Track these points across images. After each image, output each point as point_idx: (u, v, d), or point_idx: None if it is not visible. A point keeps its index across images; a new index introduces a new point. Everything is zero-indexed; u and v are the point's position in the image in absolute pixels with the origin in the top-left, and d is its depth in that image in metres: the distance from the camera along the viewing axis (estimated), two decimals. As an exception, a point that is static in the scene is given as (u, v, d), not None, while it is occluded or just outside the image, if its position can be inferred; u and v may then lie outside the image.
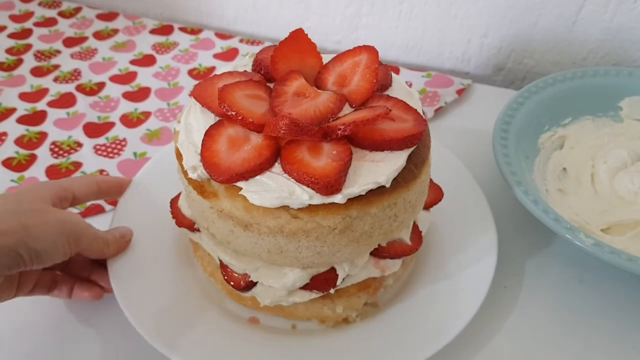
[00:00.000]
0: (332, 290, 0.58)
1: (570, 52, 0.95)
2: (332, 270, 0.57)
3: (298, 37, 0.57)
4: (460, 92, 0.96)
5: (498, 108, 0.77)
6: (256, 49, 1.09)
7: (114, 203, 0.76)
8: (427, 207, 0.65)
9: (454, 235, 0.69)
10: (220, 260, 0.60)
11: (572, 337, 0.63)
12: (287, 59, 0.56)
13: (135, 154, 0.86)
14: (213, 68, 1.05)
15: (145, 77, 1.03)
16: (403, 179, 0.51)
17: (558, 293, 0.67)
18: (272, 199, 0.48)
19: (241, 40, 1.12)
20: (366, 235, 0.52)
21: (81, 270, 0.64)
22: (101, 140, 0.89)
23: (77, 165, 0.84)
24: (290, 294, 0.58)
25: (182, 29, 1.15)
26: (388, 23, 1.04)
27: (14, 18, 1.19)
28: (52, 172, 0.83)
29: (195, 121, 0.55)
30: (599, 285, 0.68)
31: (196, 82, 1.01)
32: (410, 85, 0.95)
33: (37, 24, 1.17)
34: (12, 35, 1.14)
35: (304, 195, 0.48)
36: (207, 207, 0.53)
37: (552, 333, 0.63)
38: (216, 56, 1.08)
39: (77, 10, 1.22)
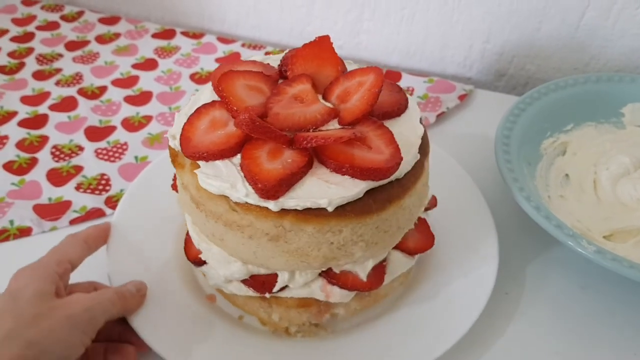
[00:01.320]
0: (267, 295, 0.58)
1: (572, 58, 0.95)
2: (274, 275, 0.57)
3: (322, 44, 0.57)
4: (462, 97, 0.95)
5: (500, 114, 0.77)
6: (258, 53, 1.09)
7: (113, 207, 0.76)
8: (411, 252, 0.62)
9: (455, 241, 0.68)
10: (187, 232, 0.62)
11: (574, 343, 0.63)
12: (305, 62, 0.57)
13: (136, 157, 0.86)
14: (215, 72, 1.05)
15: (147, 81, 1.03)
16: (354, 209, 0.50)
17: (560, 300, 0.67)
18: (215, 185, 0.50)
19: (243, 45, 1.12)
20: (302, 252, 0.52)
21: (111, 329, 0.60)
22: (102, 144, 0.89)
23: (78, 169, 0.84)
24: (229, 283, 0.60)
25: (184, 33, 1.15)
26: (390, 28, 1.04)
27: (17, 21, 1.19)
28: (53, 175, 0.83)
29: (203, 96, 0.58)
30: (601, 292, 0.67)
31: (198, 86, 1.01)
32: (412, 91, 0.97)
33: (39, 28, 1.18)
34: (14, 39, 1.14)
35: (241, 191, 0.49)
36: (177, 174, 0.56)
37: (554, 340, 0.63)
38: (218, 60, 1.08)
39: (80, 14, 1.22)
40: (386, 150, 0.50)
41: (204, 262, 0.61)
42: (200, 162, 0.52)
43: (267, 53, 0.59)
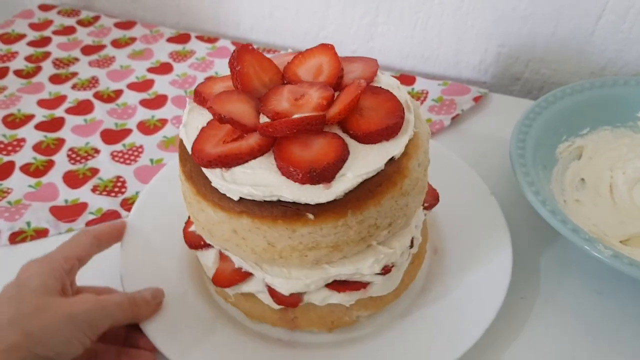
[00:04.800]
0: None
1: (588, 62, 0.95)
2: None
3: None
4: (477, 99, 0.95)
5: (515, 118, 0.76)
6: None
7: (129, 209, 0.76)
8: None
9: (467, 244, 0.68)
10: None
11: (590, 349, 0.62)
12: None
13: (151, 160, 0.87)
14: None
15: (162, 84, 1.04)
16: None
17: (576, 305, 0.66)
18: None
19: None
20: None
21: (117, 331, 0.60)
22: (118, 146, 0.89)
23: (95, 171, 0.85)
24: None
25: (199, 38, 1.16)
26: (404, 32, 1.04)
27: (34, 26, 1.20)
28: (70, 178, 0.84)
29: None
30: (618, 298, 0.67)
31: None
32: (426, 94, 0.96)
33: (56, 32, 1.19)
34: (31, 43, 1.15)
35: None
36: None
37: (571, 345, 0.62)
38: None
39: (96, 19, 1.23)
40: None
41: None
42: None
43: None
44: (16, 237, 0.75)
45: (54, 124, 0.94)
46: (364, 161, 0.49)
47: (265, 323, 0.62)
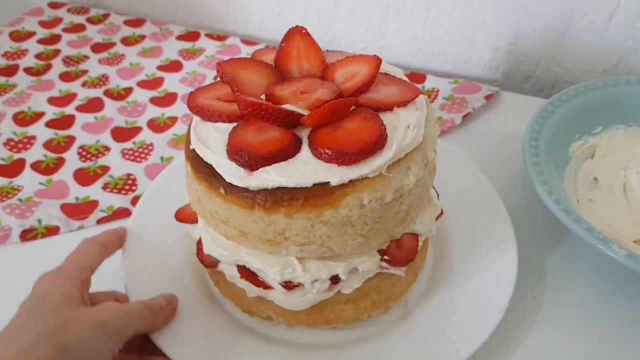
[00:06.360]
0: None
1: (601, 60, 0.94)
2: None
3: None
4: (488, 97, 0.95)
5: (526, 116, 0.76)
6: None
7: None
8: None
9: (473, 245, 0.67)
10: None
11: (604, 350, 0.61)
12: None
13: (162, 158, 0.87)
14: (239, 74, 1.05)
15: (171, 82, 1.04)
16: None
17: (590, 305, 0.66)
18: None
19: (267, 47, 1.12)
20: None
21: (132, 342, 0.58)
22: (128, 144, 0.89)
23: (105, 169, 0.85)
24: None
25: (208, 35, 1.16)
26: (414, 30, 1.04)
27: (44, 24, 1.21)
28: (80, 175, 0.84)
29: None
30: (632, 298, 0.66)
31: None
32: (437, 92, 0.96)
33: (65, 30, 1.19)
34: (41, 41, 1.15)
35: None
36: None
37: (584, 346, 0.62)
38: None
39: (105, 16, 1.23)
40: None
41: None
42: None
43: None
44: (27, 235, 0.75)
45: (65, 122, 0.94)
46: (299, 171, 0.48)
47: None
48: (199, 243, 0.63)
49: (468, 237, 0.68)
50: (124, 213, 0.77)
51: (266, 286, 0.58)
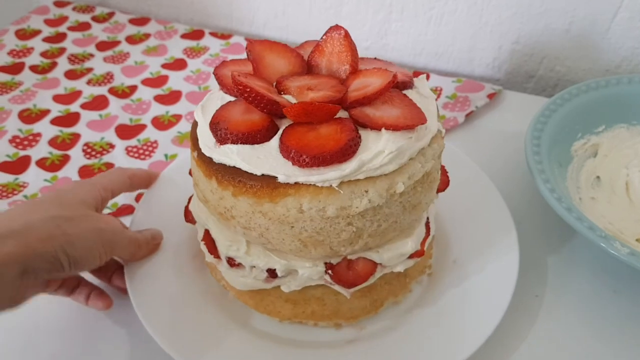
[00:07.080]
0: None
1: (603, 59, 0.94)
2: None
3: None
4: (491, 96, 0.95)
5: (529, 115, 0.76)
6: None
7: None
8: None
9: (474, 243, 0.68)
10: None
11: (606, 348, 0.62)
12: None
13: (166, 155, 0.87)
14: (243, 72, 1.06)
15: (176, 80, 1.04)
16: None
17: (592, 303, 0.66)
18: None
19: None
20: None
21: (105, 270, 0.65)
22: (133, 142, 0.90)
23: (109, 166, 0.85)
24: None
25: (213, 34, 1.16)
26: (418, 29, 1.04)
27: (49, 22, 1.21)
28: (85, 172, 0.84)
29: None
30: (634, 296, 0.66)
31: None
32: (440, 91, 0.96)
33: (71, 28, 1.20)
34: (46, 39, 1.16)
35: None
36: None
37: (586, 344, 0.62)
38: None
39: (110, 15, 1.24)
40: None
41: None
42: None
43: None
44: (33, 231, 0.75)
45: (70, 119, 0.95)
46: (257, 158, 0.49)
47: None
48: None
49: (470, 234, 0.69)
50: (128, 210, 0.78)
51: (217, 256, 0.60)
